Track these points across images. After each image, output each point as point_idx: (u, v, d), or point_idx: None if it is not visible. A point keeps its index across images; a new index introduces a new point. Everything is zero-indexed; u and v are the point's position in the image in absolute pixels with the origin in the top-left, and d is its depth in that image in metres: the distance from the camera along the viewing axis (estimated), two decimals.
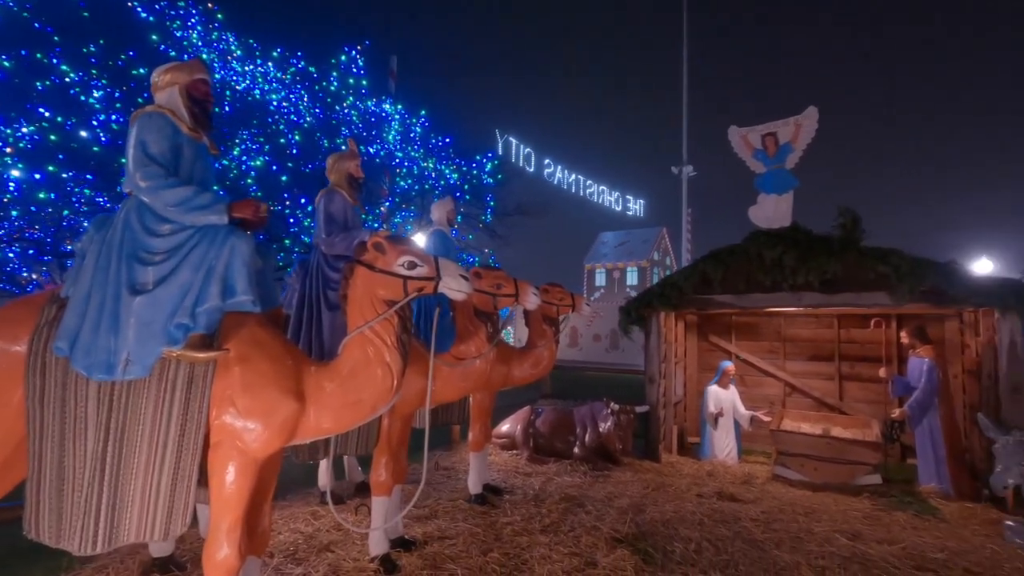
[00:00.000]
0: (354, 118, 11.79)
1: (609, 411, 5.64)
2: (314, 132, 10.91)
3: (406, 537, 3.57)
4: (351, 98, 11.77)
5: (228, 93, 10.01)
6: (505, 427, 6.27)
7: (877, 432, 5.65)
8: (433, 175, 12.38)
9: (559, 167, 35.81)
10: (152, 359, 2.13)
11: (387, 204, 11.85)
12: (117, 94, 8.23)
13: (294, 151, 10.46)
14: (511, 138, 31.90)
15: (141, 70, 8.36)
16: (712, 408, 6.32)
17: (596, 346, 21.53)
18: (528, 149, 33.47)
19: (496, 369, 4.31)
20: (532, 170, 33.40)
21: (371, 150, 11.60)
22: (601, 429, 5.69)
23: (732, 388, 6.51)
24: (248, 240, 2.32)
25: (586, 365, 15.67)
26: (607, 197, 39.05)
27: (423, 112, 12.80)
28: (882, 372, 5.98)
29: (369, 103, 12.15)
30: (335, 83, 11.57)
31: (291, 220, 9.89)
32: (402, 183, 12.16)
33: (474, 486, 4.44)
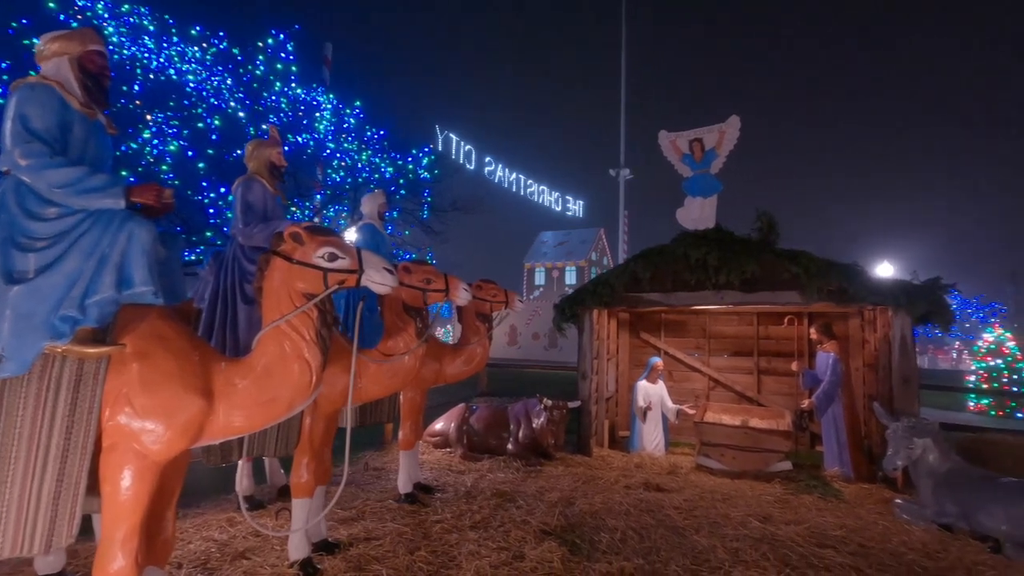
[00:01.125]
0: (283, 106, 11.22)
1: (542, 407, 5.70)
2: (238, 118, 10.27)
3: (329, 540, 3.45)
4: (279, 84, 11.18)
5: (139, 71, 9.23)
6: (439, 425, 6.20)
7: (789, 422, 6.05)
8: (367, 168, 11.99)
9: (500, 165, 36.01)
10: (32, 355, 1.92)
11: (319, 197, 11.39)
12: (4, 65, 7.40)
13: (214, 137, 9.80)
14: (451, 134, 31.70)
15: (35, 40, 7.57)
16: (641, 402, 6.54)
17: (535, 344, 21.82)
18: (468, 146, 33.41)
19: (427, 366, 4.25)
20: (472, 167, 33.39)
21: (300, 140, 11.07)
22: (534, 425, 5.75)
23: (660, 383, 6.77)
24: (148, 227, 2.15)
25: (525, 363, 15.81)
26: (547, 197, 39.69)
27: (358, 103, 12.37)
28: (794, 366, 6.43)
29: (299, 91, 11.60)
30: (261, 67, 10.95)
31: (211, 211, 9.27)
32: (334, 176, 11.70)
33: (404, 485, 4.35)
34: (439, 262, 13.78)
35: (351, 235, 5.20)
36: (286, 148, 3.80)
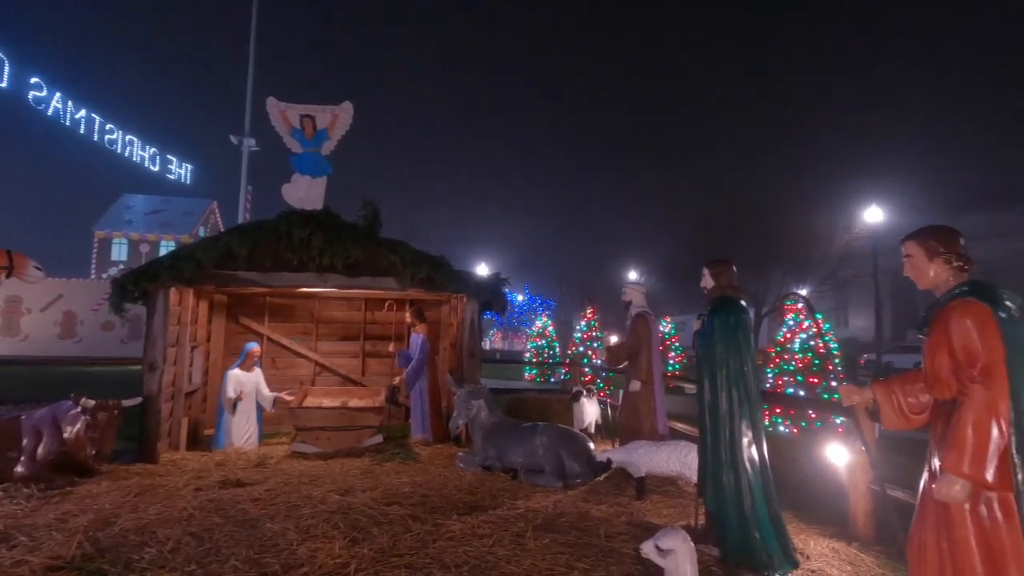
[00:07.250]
0: None
1: (79, 410, 4.36)
2: None
3: None
4: None
5: None
6: None
7: (383, 398, 6.51)
8: None
9: (59, 94, 26.86)
10: None
11: None
12: None
13: None
14: None
15: None
16: (231, 393, 5.87)
17: (108, 336, 16.96)
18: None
19: None
20: (5, 85, 23.85)
21: None
22: (66, 435, 4.34)
23: (257, 371, 6.24)
24: None
25: (89, 360, 12.20)
26: (139, 152, 31.82)
27: None
28: (391, 347, 7.00)
29: None
30: None
31: None
32: None
33: None
34: None
35: None
36: None
